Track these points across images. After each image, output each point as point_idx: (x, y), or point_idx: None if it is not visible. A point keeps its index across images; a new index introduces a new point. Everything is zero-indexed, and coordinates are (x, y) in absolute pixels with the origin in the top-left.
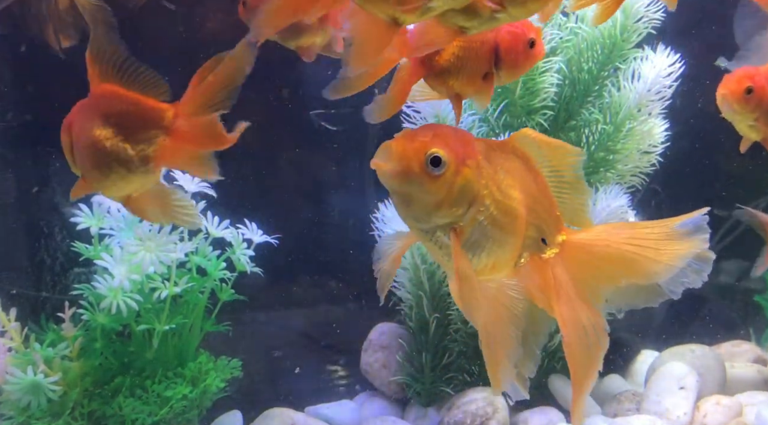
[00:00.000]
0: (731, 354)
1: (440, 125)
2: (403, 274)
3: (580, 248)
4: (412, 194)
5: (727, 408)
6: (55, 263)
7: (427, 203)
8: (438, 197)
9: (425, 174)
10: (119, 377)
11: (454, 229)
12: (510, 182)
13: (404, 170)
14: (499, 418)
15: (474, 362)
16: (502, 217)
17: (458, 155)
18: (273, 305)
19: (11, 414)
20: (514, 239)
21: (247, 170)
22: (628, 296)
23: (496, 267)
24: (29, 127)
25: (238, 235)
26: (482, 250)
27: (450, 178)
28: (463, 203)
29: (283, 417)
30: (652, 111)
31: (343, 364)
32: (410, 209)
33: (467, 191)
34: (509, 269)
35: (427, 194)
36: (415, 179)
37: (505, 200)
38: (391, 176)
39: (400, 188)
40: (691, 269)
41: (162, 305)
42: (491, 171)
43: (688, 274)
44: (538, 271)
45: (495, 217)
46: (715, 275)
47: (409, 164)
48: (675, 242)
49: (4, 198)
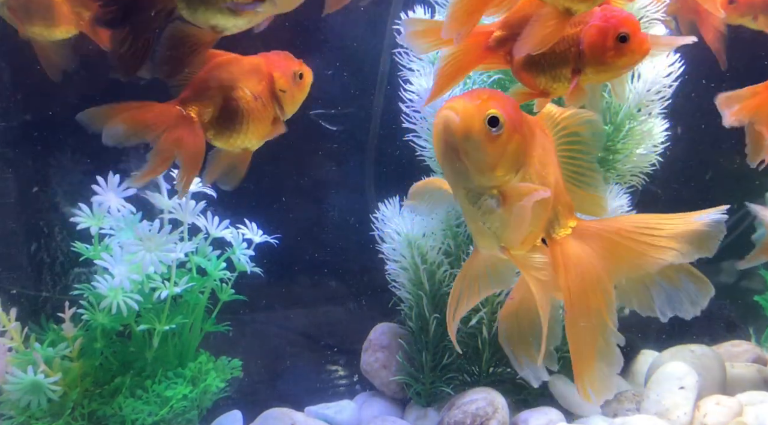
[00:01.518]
0: (731, 354)
1: (495, 91)
2: (403, 274)
3: (590, 232)
4: (469, 151)
5: (727, 408)
6: (55, 263)
7: (483, 162)
8: (492, 159)
9: (485, 132)
10: (119, 377)
11: (501, 192)
12: (545, 157)
13: (466, 126)
14: (499, 418)
15: (474, 362)
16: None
17: (513, 121)
18: (273, 306)
19: (11, 413)
20: (545, 214)
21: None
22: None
23: (528, 240)
24: (29, 127)
25: (238, 235)
26: None
27: (505, 140)
28: (512, 169)
29: (283, 417)
30: (652, 111)
31: (343, 364)
32: (463, 168)
33: (519, 155)
34: (531, 246)
35: (483, 153)
36: (475, 135)
37: (542, 171)
38: (453, 131)
39: (458, 141)
40: (687, 297)
41: (162, 305)
42: (533, 142)
43: (684, 302)
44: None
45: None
46: (715, 275)
47: (471, 121)
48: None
49: (4, 198)
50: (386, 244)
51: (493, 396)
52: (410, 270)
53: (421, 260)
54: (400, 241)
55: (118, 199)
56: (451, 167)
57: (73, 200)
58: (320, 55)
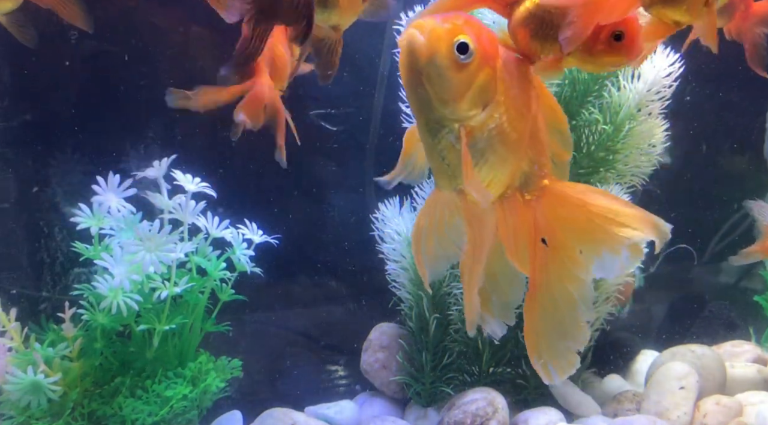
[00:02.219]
0: (731, 354)
1: (474, 18)
2: (403, 274)
3: (559, 198)
4: (433, 77)
5: (727, 408)
6: (55, 263)
7: (446, 91)
8: (457, 88)
9: (452, 59)
10: (119, 377)
11: (464, 127)
12: (523, 100)
13: (431, 49)
14: (499, 418)
15: (474, 362)
16: (511, 131)
17: (485, 51)
18: (273, 306)
19: (11, 414)
20: (515, 161)
21: (247, 170)
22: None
23: (490, 186)
24: (29, 127)
25: (238, 235)
26: (485, 161)
27: (473, 70)
28: (479, 102)
29: (283, 417)
30: (652, 111)
31: (343, 364)
32: (426, 95)
33: (486, 90)
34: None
35: (448, 80)
36: (439, 60)
37: (516, 116)
38: (416, 54)
39: (423, 66)
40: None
41: (162, 305)
42: (509, 80)
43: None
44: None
45: (505, 129)
46: (715, 275)
47: (438, 44)
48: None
49: (4, 198)
50: (386, 244)
51: (493, 396)
52: (410, 270)
53: None
54: (400, 241)
55: (118, 199)
56: (414, 93)
57: (73, 200)
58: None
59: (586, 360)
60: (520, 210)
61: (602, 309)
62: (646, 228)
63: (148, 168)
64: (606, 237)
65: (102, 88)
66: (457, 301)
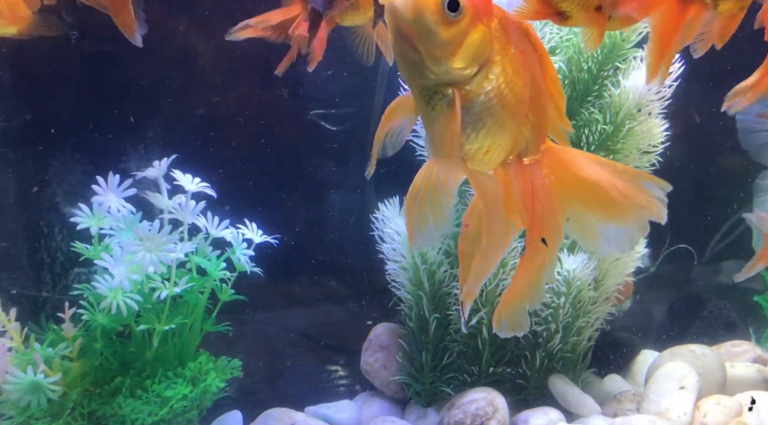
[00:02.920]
0: (731, 354)
1: None
2: (403, 274)
3: (558, 162)
4: (421, 35)
5: (727, 408)
6: (55, 263)
7: (435, 49)
8: (448, 46)
9: (440, 15)
10: (119, 377)
11: (458, 89)
12: (522, 62)
13: (418, 6)
14: (499, 418)
15: (474, 362)
16: (509, 94)
17: (477, 8)
18: (273, 306)
19: (11, 414)
20: (515, 126)
21: (247, 170)
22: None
23: (490, 153)
24: (29, 127)
25: (238, 235)
26: (483, 126)
27: (464, 28)
28: (473, 62)
29: (283, 417)
30: (652, 111)
31: (343, 364)
32: (416, 57)
33: (480, 49)
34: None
35: (437, 38)
36: (428, 17)
37: (514, 78)
38: (403, 10)
39: (410, 25)
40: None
41: (162, 305)
42: (506, 42)
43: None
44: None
45: (503, 91)
46: (715, 275)
47: (424, 1)
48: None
49: (4, 198)
50: (386, 244)
51: (493, 396)
52: (410, 270)
53: (421, 261)
54: (400, 241)
55: (118, 199)
56: (404, 58)
57: (73, 200)
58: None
59: (586, 359)
60: (524, 175)
61: (602, 309)
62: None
63: (148, 168)
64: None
65: (102, 88)
66: (458, 301)
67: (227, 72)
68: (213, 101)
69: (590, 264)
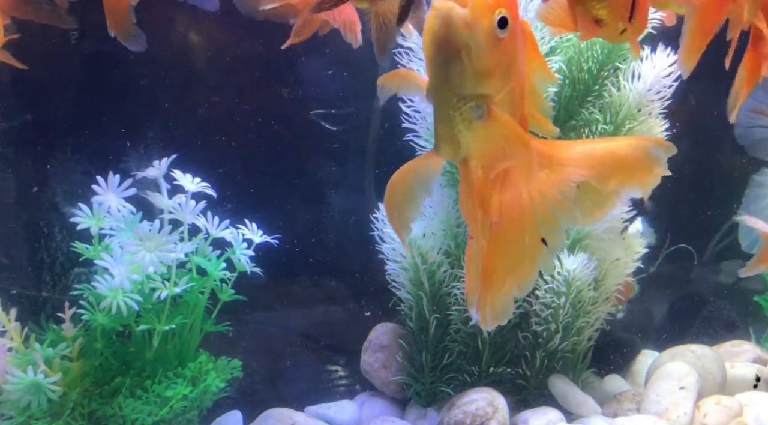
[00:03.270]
0: (731, 354)
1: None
2: (403, 274)
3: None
4: (473, 51)
5: (727, 408)
6: (55, 263)
7: (483, 66)
8: (494, 62)
9: (492, 34)
10: (119, 377)
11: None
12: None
13: (476, 22)
14: (499, 418)
15: (474, 362)
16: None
17: (515, 25)
18: (273, 306)
19: (11, 414)
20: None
21: (247, 170)
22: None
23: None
24: (29, 127)
25: (238, 235)
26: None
27: (507, 46)
28: (507, 78)
29: (283, 417)
30: (652, 111)
31: (343, 364)
32: (460, 70)
33: (514, 62)
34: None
35: (486, 55)
36: (482, 34)
37: (520, 80)
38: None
39: (464, 41)
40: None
41: (162, 305)
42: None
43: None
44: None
45: (514, 96)
46: (715, 275)
47: (482, 18)
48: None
49: (4, 198)
50: (386, 244)
51: (493, 396)
52: (410, 270)
53: (421, 261)
54: (400, 241)
55: (118, 199)
56: (444, 67)
57: (73, 200)
58: (320, 55)
59: (586, 359)
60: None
61: (602, 309)
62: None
63: (148, 168)
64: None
65: (102, 88)
66: (458, 301)
67: (227, 72)
68: (213, 101)
69: (590, 264)
